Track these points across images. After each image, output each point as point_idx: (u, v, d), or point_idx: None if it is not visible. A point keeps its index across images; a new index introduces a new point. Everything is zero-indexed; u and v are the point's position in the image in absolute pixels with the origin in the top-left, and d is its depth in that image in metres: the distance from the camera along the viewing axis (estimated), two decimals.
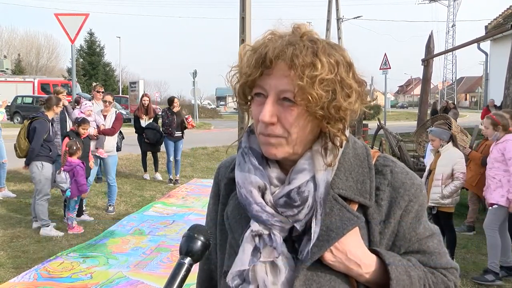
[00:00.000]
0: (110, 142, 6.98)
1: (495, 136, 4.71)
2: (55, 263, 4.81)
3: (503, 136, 4.64)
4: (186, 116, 9.49)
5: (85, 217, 6.50)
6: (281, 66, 0.91)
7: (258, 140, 0.99)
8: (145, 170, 9.71)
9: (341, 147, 0.98)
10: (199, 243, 0.89)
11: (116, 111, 7.27)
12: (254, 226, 0.97)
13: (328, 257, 0.95)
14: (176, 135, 9.17)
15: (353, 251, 0.95)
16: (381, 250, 0.98)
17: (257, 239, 0.97)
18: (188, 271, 0.87)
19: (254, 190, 0.97)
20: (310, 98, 0.89)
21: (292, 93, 0.91)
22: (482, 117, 13.52)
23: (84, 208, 6.59)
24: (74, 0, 67.19)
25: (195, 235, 0.90)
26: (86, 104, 7.08)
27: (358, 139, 1.06)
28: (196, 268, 1.05)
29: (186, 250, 0.89)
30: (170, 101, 9.31)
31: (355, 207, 0.98)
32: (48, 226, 5.80)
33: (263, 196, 0.97)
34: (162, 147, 9.45)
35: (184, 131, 9.44)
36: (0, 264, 4.80)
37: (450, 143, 4.92)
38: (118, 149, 8.76)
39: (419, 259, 1.03)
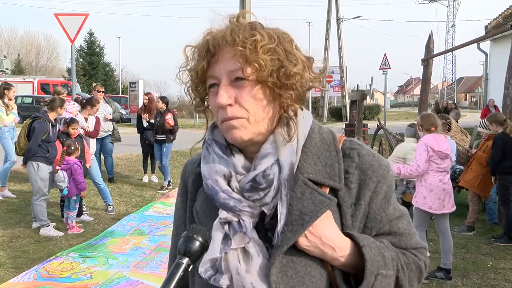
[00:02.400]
0: (92, 144, 7.03)
1: (420, 136, 4.73)
2: (55, 263, 4.80)
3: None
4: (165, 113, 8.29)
5: (85, 217, 6.50)
6: (225, 48, 0.94)
7: (221, 129, 1.00)
8: (145, 172, 9.47)
9: (296, 116, 0.99)
10: (197, 243, 0.90)
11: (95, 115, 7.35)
12: (222, 214, 0.98)
13: (303, 241, 0.95)
14: (158, 138, 8.47)
15: (328, 235, 0.95)
16: (354, 233, 0.99)
17: (226, 226, 0.97)
18: (185, 271, 0.88)
19: (219, 178, 0.98)
20: (256, 65, 0.92)
21: (241, 69, 0.93)
22: (482, 117, 13.51)
23: (83, 208, 6.59)
24: (74, 0, 67.22)
25: (194, 235, 0.90)
26: (74, 104, 7.11)
27: (323, 125, 1.07)
28: None
29: (184, 250, 0.89)
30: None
31: (326, 191, 0.98)
32: (47, 226, 5.80)
33: (229, 184, 0.98)
34: None
35: (169, 135, 8.43)
36: (0, 264, 4.81)
37: (410, 138, 5.26)
38: (111, 151, 8.94)
39: (390, 240, 1.05)
